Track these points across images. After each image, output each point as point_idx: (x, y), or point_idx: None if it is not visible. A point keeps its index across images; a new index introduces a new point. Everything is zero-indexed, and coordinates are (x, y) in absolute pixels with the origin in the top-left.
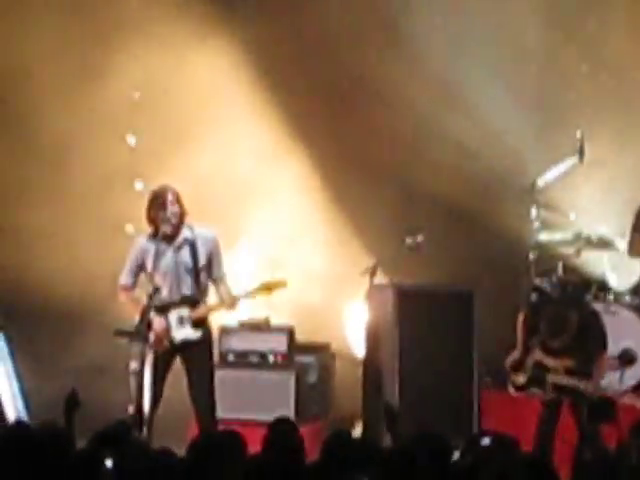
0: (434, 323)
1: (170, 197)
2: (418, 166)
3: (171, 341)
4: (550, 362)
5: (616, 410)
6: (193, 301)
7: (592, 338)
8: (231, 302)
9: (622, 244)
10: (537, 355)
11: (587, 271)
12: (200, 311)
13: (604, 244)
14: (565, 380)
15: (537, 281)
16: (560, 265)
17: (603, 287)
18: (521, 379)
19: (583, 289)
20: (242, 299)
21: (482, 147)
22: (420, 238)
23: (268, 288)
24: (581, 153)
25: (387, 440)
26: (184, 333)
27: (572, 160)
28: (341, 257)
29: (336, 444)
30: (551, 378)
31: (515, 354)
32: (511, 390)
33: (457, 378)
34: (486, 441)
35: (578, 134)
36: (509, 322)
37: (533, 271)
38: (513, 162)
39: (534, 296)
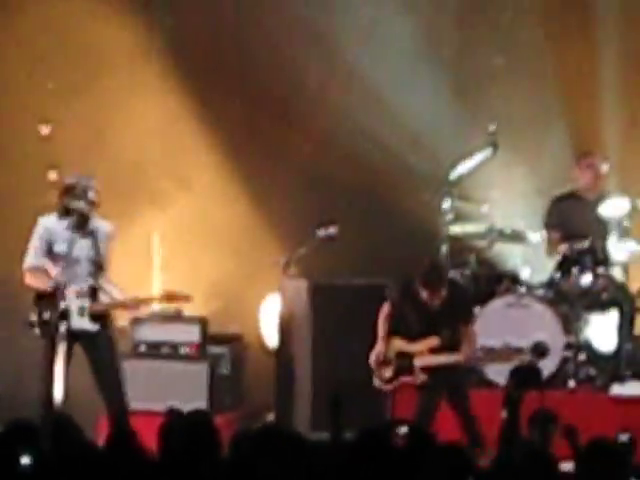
0: (347, 315)
1: (84, 187)
2: (332, 158)
3: (68, 328)
4: (412, 347)
5: (541, 376)
6: (93, 293)
7: (456, 312)
8: (134, 304)
9: (535, 237)
10: (397, 345)
11: (500, 264)
12: (99, 307)
13: (517, 237)
14: (432, 359)
15: (450, 274)
16: (473, 258)
17: (515, 280)
18: (387, 373)
19: (495, 282)
20: (142, 303)
21: (396, 139)
22: (333, 230)
23: (170, 298)
24: (495, 146)
25: (302, 429)
26: (82, 323)
27: (486, 152)
28: (255, 249)
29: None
30: (418, 362)
31: (378, 348)
32: (380, 385)
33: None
34: (403, 430)
35: (491, 127)
36: None
37: (446, 263)
38: (427, 154)
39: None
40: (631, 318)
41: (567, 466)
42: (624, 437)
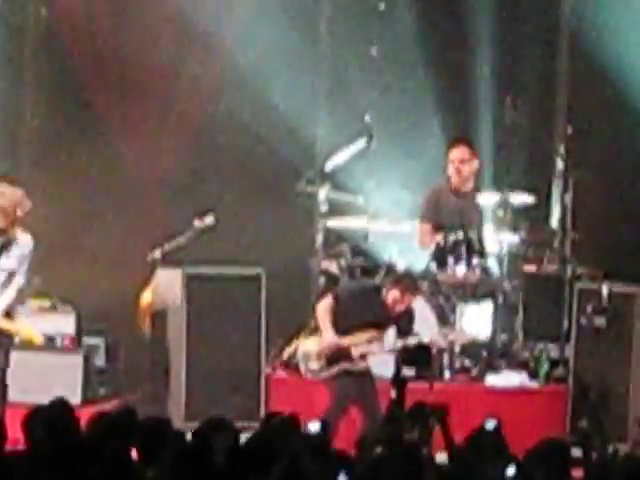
0: (223, 305)
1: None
2: (208, 150)
3: None
4: (348, 340)
5: (431, 356)
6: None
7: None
8: None
9: (411, 228)
10: (334, 338)
11: (375, 254)
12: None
13: (392, 228)
14: (369, 347)
15: (324, 264)
16: (348, 248)
17: (391, 271)
18: (315, 365)
19: (370, 273)
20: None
21: (272, 131)
22: (209, 220)
23: (16, 332)
24: (370, 137)
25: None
26: None
27: (361, 143)
28: (130, 240)
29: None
30: (355, 351)
31: (330, 340)
32: (309, 376)
33: (245, 360)
34: (277, 420)
35: (367, 118)
36: (298, 304)
37: (321, 254)
38: (303, 145)
39: (322, 279)
40: (506, 309)
41: (442, 457)
42: (490, 424)
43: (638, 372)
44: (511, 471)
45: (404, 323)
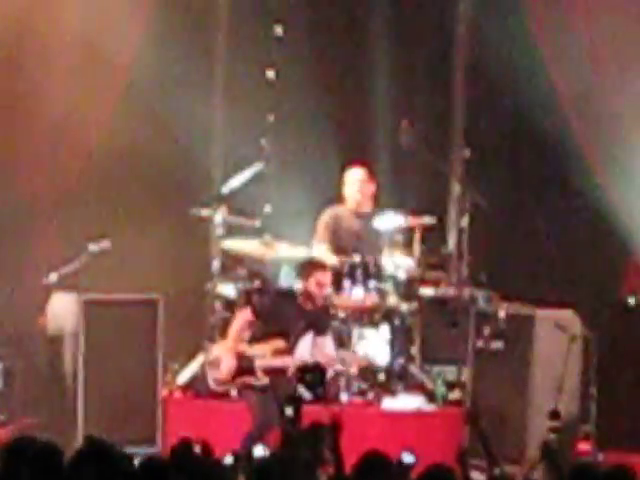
0: (120, 331)
1: None
2: (102, 174)
3: None
4: (256, 350)
5: (326, 378)
6: None
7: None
8: None
9: (308, 251)
10: (242, 347)
11: (273, 278)
12: None
13: (290, 252)
14: (272, 361)
15: (221, 288)
16: (245, 272)
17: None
18: (219, 374)
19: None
20: None
21: (167, 154)
22: (105, 244)
23: None
24: (267, 160)
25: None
26: None
27: (258, 166)
28: (25, 264)
29: None
30: (259, 363)
31: (224, 350)
32: (212, 385)
33: (142, 384)
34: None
35: (262, 141)
36: (195, 328)
37: (217, 278)
38: (199, 169)
39: (219, 304)
40: (403, 333)
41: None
42: (408, 458)
43: (535, 394)
44: None
45: (322, 322)
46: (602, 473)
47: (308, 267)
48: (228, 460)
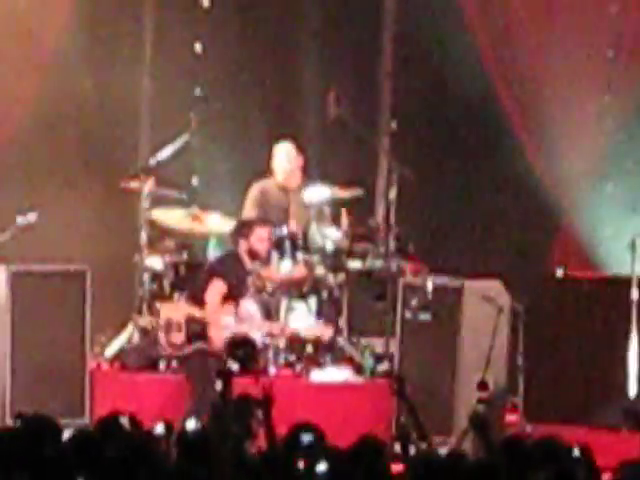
0: (48, 303)
1: None
2: (28, 144)
3: None
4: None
5: (256, 351)
6: None
7: None
8: None
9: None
10: (187, 309)
11: (200, 251)
12: None
13: (218, 223)
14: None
15: (149, 261)
16: (172, 244)
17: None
18: (176, 339)
19: (195, 269)
20: None
21: (95, 126)
22: (32, 217)
23: None
24: (193, 132)
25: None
26: None
27: (185, 138)
28: None
29: None
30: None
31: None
32: (166, 349)
33: (70, 356)
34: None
35: (191, 114)
36: (123, 301)
37: (145, 250)
38: (126, 141)
39: (147, 276)
40: (331, 305)
41: None
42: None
43: (463, 365)
44: (322, 467)
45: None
46: (531, 445)
47: (247, 225)
48: (159, 430)
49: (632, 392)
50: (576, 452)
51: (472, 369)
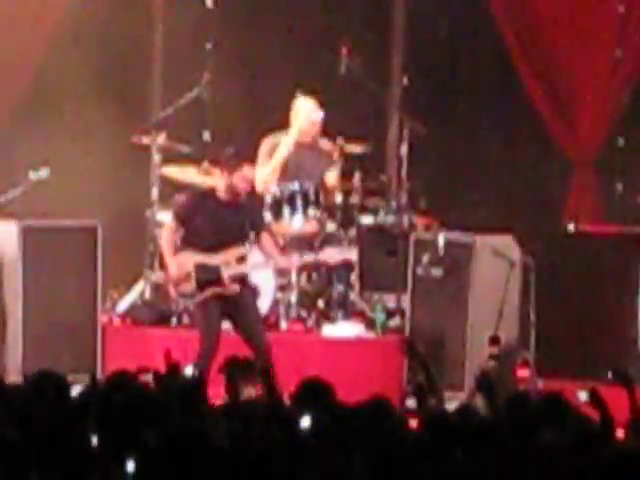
0: (59, 258)
1: None
2: (40, 102)
3: None
4: (215, 259)
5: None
6: None
7: (250, 220)
8: None
9: None
10: (194, 258)
11: None
12: None
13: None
14: (243, 268)
15: (160, 215)
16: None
17: None
18: (187, 288)
19: None
20: None
21: (105, 82)
22: (44, 172)
23: None
24: (206, 87)
25: (13, 374)
26: None
27: (196, 92)
28: None
29: None
30: (227, 271)
31: (171, 269)
32: (180, 301)
33: (81, 311)
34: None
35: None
36: (134, 256)
37: (157, 205)
38: (136, 96)
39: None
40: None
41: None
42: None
43: (475, 320)
44: (305, 422)
45: (239, 226)
46: (534, 403)
47: (234, 160)
48: (188, 371)
49: None
50: (584, 396)
51: (484, 324)
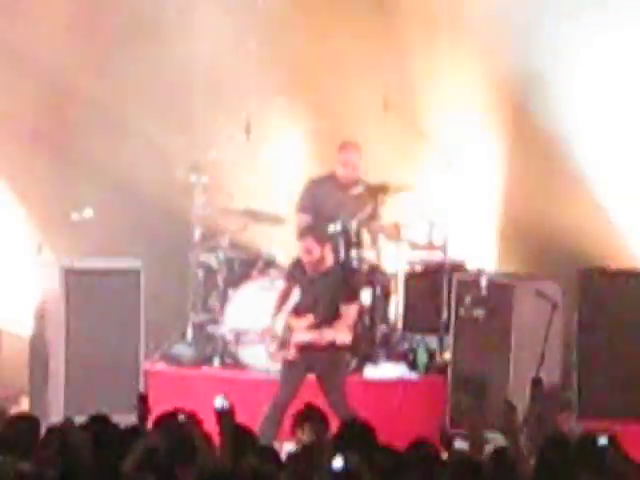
0: (102, 300)
1: None
2: (83, 144)
3: None
4: (294, 322)
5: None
6: None
7: (337, 291)
8: None
9: (290, 220)
10: (287, 320)
11: (255, 247)
12: None
13: (272, 220)
14: (305, 336)
15: (203, 257)
16: (226, 241)
17: (270, 263)
18: (270, 348)
19: (249, 265)
20: None
21: (148, 120)
22: (87, 213)
23: None
24: (247, 132)
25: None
26: None
27: (238, 139)
28: (5, 234)
29: None
30: (295, 337)
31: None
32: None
33: (124, 353)
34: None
35: (244, 115)
36: (177, 298)
37: (199, 247)
38: (182, 135)
39: (200, 272)
40: (385, 300)
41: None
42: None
43: (517, 362)
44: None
45: (326, 292)
46: (573, 442)
47: (297, 234)
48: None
49: None
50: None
51: (526, 365)
